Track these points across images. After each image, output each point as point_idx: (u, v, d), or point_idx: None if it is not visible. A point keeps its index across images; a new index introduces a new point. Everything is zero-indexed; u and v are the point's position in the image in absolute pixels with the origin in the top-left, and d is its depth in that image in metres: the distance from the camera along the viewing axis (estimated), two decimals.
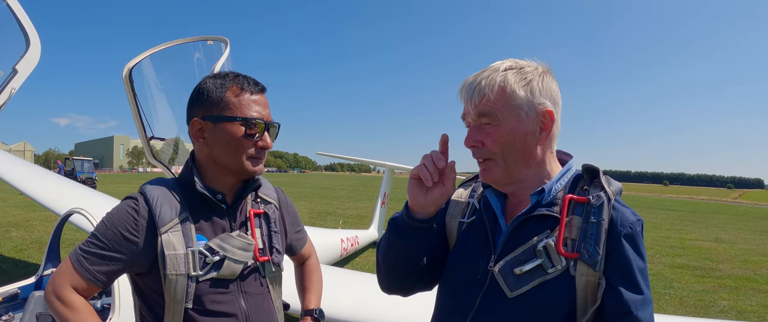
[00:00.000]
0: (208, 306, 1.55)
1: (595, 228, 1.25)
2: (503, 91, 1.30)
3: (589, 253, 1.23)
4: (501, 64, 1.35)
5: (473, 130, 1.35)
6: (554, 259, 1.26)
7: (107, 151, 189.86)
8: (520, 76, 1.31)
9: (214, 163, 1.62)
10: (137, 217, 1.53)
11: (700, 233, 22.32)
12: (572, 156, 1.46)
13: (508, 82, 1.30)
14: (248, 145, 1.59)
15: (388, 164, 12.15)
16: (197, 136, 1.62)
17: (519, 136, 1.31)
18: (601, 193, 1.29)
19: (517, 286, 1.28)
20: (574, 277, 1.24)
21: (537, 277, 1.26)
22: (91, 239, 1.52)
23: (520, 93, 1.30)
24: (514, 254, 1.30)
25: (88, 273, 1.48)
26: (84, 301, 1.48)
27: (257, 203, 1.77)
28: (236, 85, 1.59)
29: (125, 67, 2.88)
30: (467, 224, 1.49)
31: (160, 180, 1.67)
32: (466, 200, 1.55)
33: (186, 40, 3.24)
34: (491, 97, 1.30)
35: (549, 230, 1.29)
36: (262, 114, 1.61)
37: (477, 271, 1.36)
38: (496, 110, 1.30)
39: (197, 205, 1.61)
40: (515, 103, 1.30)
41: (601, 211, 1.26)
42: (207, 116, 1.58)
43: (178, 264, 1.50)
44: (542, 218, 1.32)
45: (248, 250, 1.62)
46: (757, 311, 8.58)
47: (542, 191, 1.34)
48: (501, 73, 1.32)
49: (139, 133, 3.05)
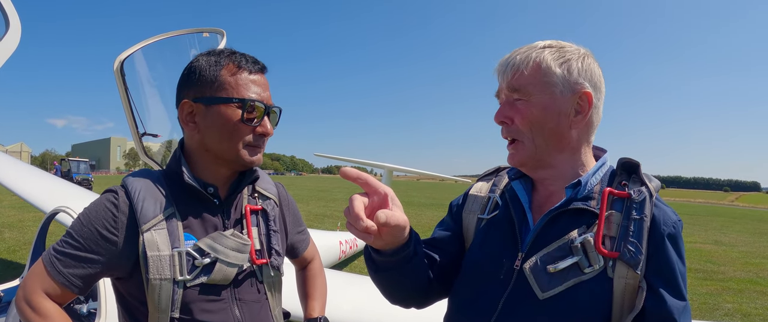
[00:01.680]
0: (197, 316, 1.36)
1: (637, 225, 1.12)
2: (538, 67, 1.20)
3: (631, 252, 1.10)
4: (541, 42, 1.26)
5: (504, 106, 1.26)
6: (592, 257, 1.13)
7: (104, 153, 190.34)
8: (558, 54, 1.22)
9: (206, 151, 1.44)
10: (116, 212, 1.35)
11: (699, 235, 22.25)
12: (606, 151, 1.35)
13: (544, 58, 1.21)
14: (245, 130, 1.41)
15: (386, 165, 12.04)
16: (187, 121, 1.44)
17: (552, 114, 1.21)
18: (643, 188, 1.18)
19: (550, 286, 1.14)
20: (612, 279, 1.11)
21: (572, 277, 1.13)
22: (65, 238, 1.34)
23: (557, 70, 1.20)
24: (547, 250, 1.18)
25: (62, 277, 1.30)
26: (57, 308, 1.31)
27: (254, 198, 1.58)
28: (233, 63, 1.41)
29: (116, 60, 2.78)
30: (487, 220, 1.37)
31: (145, 172, 1.48)
32: (487, 194, 1.44)
33: (181, 32, 3.16)
34: (525, 72, 1.21)
35: (585, 226, 1.17)
36: (262, 96, 1.43)
37: (500, 270, 1.24)
38: (528, 85, 1.21)
39: (186, 199, 1.43)
40: (550, 80, 1.20)
41: (643, 207, 1.14)
42: (199, 98, 1.41)
43: (162, 267, 1.32)
44: (578, 212, 1.19)
45: (243, 251, 1.43)
46: (762, 314, 8.50)
47: (579, 183, 1.22)
48: (538, 50, 1.23)
49: (130, 129, 2.94)
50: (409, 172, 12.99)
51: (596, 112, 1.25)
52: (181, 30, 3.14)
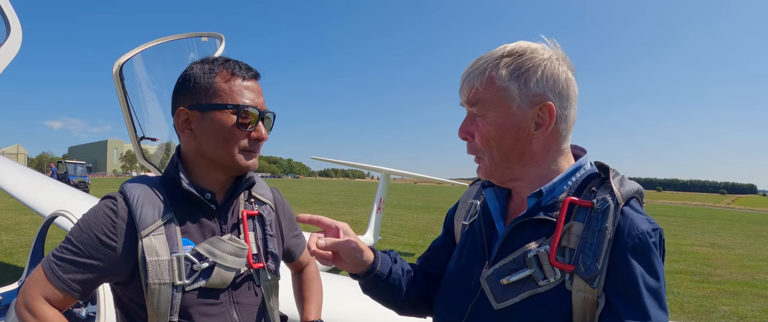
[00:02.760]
0: (196, 319, 1.38)
1: (595, 237, 1.07)
2: (492, 81, 1.15)
3: (585, 266, 1.06)
4: (501, 49, 1.18)
5: (465, 122, 1.23)
6: (547, 270, 1.10)
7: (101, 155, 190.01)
8: (515, 65, 1.15)
9: (203, 157, 1.46)
10: (115, 219, 1.36)
11: (695, 238, 22.31)
12: (586, 151, 1.29)
13: (498, 72, 1.15)
14: (241, 136, 1.43)
15: (383, 168, 12.04)
16: (183, 128, 1.46)
17: (509, 131, 1.16)
18: (608, 196, 1.11)
19: (503, 297, 1.15)
20: (571, 292, 1.08)
21: (526, 289, 1.12)
22: (65, 244, 1.35)
23: (511, 85, 1.14)
24: (503, 261, 1.17)
25: (62, 282, 1.31)
26: (57, 314, 1.32)
27: (250, 204, 1.59)
28: (226, 70, 1.44)
29: (115, 63, 2.78)
30: (468, 226, 1.38)
31: (143, 178, 1.50)
32: (471, 200, 1.44)
33: (180, 36, 3.16)
34: (479, 88, 1.17)
35: (545, 237, 1.14)
36: (256, 102, 1.45)
37: (471, 278, 1.25)
38: (484, 101, 1.17)
39: (183, 205, 1.45)
40: (504, 95, 1.15)
41: (605, 217, 1.08)
42: (194, 105, 1.43)
43: (161, 272, 1.33)
44: (541, 222, 1.16)
45: (241, 255, 1.45)
46: (759, 316, 8.52)
47: (540, 192, 1.17)
48: (495, 60, 1.16)
49: (129, 133, 2.94)
50: (406, 175, 12.99)
51: (563, 120, 1.18)
52: (180, 34, 3.13)
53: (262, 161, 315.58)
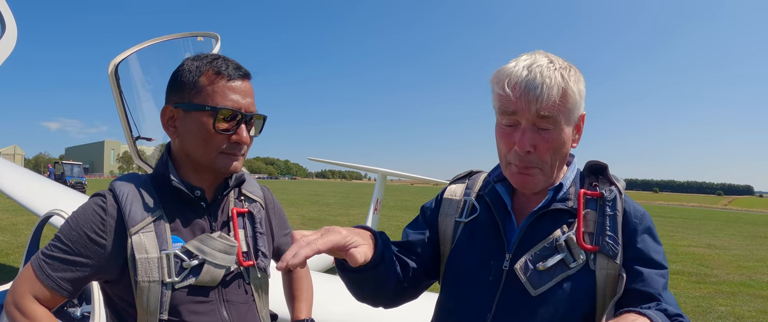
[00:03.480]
0: (185, 317, 1.37)
1: (612, 220, 1.24)
2: (566, 94, 1.18)
3: (609, 245, 1.21)
4: (546, 60, 1.20)
5: (529, 133, 1.20)
6: (575, 253, 1.22)
7: (98, 156, 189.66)
8: (573, 77, 1.20)
9: (187, 156, 1.45)
10: (105, 216, 1.35)
11: (692, 239, 22.29)
12: (574, 155, 1.41)
13: (568, 83, 1.18)
14: (219, 138, 1.39)
15: (380, 169, 12.02)
16: (168, 126, 1.45)
17: (567, 141, 1.25)
18: (612, 187, 1.29)
19: (541, 282, 1.22)
20: (594, 271, 1.22)
21: (560, 272, 1.22)
22: (54, 242, 1.34)
23: (577, 97, 1.21)
24: (534, 250, 1.25)
25: (51, 281, 1.31)
26: (46, 312, 1.32)
27: (241, 201, 1.59)
28: (212, 69, 1.40)
29: (111, 63, 2.78)
30: (467, 223, 1.40)
31: (133, 175, 1.49)
32: (461, 197, 1.46)
33: (175, 36, 3.15)
34: (557, 100, 1.17)
35: (565, 225, 1.26)
36: (240, 103, 1.41)
37: (489, 272, 1.29)
38: (558, 114, 1.18)
39: (173, 202, 1.44)
40: (573, 107, 1.21)
41: (615, 203, 1.26)
42: (179, 103, 1.41)
43: (150, 269, 1.33)
44: (558, 212, 1.28)
45: (231, 253, 1.44)
46: (756, 317, 8.52)
47: (560, 185, 1.31)
48: (558, 72, 1.18)
49: (124, 132, 2.94)
50: (404, 176, 12.97)
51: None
52: (176, 34, 3.13)
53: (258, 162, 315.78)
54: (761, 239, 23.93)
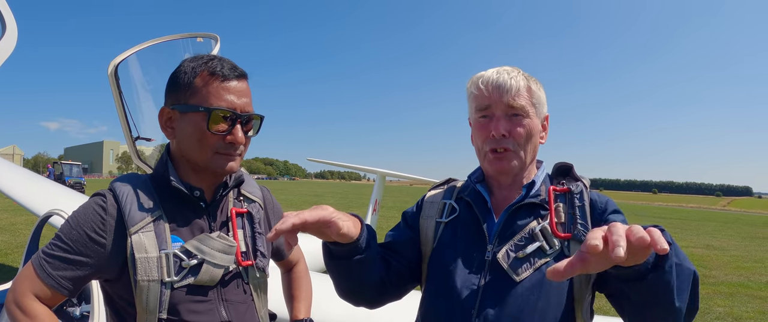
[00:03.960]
0: (184, 316, 1.38)
1: (581, 210, 1.39)
2: (530, 90, 1.44)
3: (580, 231, 1.35)
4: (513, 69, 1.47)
5: (503, 121, 1.42)
6: (550, 241, 1.37)
7: (97, 157, 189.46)
8: (534, 81, 1.47)
9: (183, 157, 1.46)
10: (105, 215, 1.36)
11: (691, 240, 22.31)
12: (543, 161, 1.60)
13: (530, 82, 1.45)
14: (213, 138, 1.40)
15: (379, 170, 12.02)
16: (165, 127, 1.47)
17: (536, 132, 1.46)
18: (578, 183, 1.46)
19: (522, 269, 1.36)
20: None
21: (538, 258, 1.36)
22: (54, 241, 1.35)
23: (539, 94, 1.46)
24: (513, 240, 1.40)
25: (52, 279, 1.32)
26: (47, 311, 1.33)
27: (240, 202, 1.60)
28: (207, 70, 1.41)
29: (111, 64, 2.78)
30: (448, 222, 1.53)
31: (133, 175, 1.51)
32: (441, 200, 1.59)
33: (175, 36, 3.16)
34: (523, 93, 1.42)
35: (539, 217, 1.42)
36: (235, 104, 1.41)
37: (472, 263, 1.42)
38: (526, 105, 1.42)
39: (173, 202, 1.45)
40: (537, 101, 1.45)
41: (582, 196, 1.42)
42: (176, 104, 1.43)
43: (150, 269, 1.34)
44: (532, 206, 1.44)
45: (229, 253, 1.45)
46: (754, 317, 8.54)
47: (533, 182, 1.47)
48: (522, 75, 1.45)
49: (123, 132, 2.94)
50: (402, 177, 12.97)
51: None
52: (176, 35, 3.13)
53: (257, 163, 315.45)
54: (760, 240, 23.96)
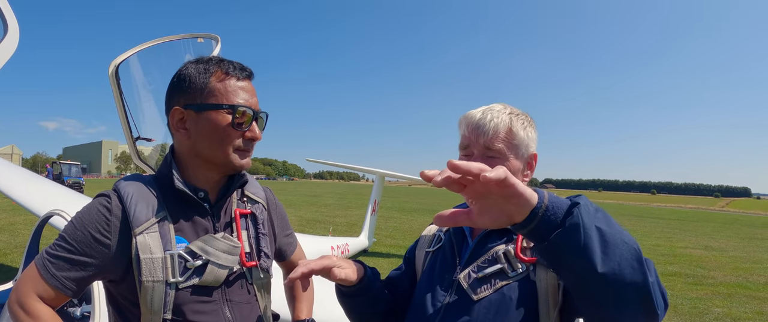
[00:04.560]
0: (188, 317, 1.38)
1: None
2: (510, 132, 1.42)
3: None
4: (501, 106, 1.48)
5: (479, 160, 1.39)
6: (514, 264, 1.37)
7: (96, 156, 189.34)
8: (520, 120, 1.45)
9: (197, 156, 1.47)
10: (109, 216, 1.36)
11: (689, 241, 22.36)
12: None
13: (514, 123, 1.43)
14: (235, 135, 1.43)
15: (378, 171, 12.03)
16: (178, 127, 1.46)
17: (515, 172, 1.43)
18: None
19: (481, 290, 1.37)
20: (535, 281, 1.33)
21: (500, 280, 1.36)
22: (58, 242, 1.35)
23: (522, 135, 1.44)
24: (477, 262, 1.42)
25: (55, 280, 1.32)
26: (50, 311, 1.33)
27: (244, 203, 1.60)
28: (221, 70, 1.44)
29: (112, 64, 2.78)
30: (433, 251, 1.61)
31: (137, 176, 1.51)
32: (434, 232, 1.67)
33: (176, 37, 3.16)
34: (501, 135, 1.41)
35: (508, 240, 1.41)
36: (250, 102, 1.45)
37: (442, 284, 1.47)
38: (504, 148, 1.42)
39: (177, 203, 1.45)
40: (518, 143, 1.43)
41: None
42: (189, 104, 1.43)
43: (154, 269, 1.34)
44: (504, 231, 1.42)
45: (234, 253, 1.46)
46: (752, 318, 8.56)
47: None
48: (507, 114, 1.44)
49: (124, 133, 2.94)
50: (401, 178, 12.98)
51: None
52: (176, 35, 3.13)
53: (256, 163, 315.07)
54: (758, 241, 24.01)
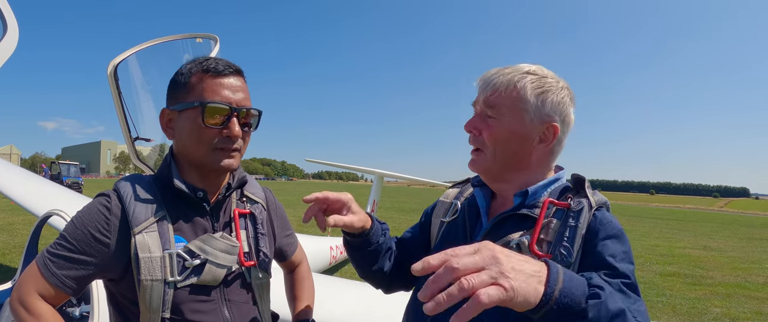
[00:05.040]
0: (187, 316, 1.39)
1: (571, 231, 1.22)
2: (516, 92, 1.30)
3: (562, 255, 1.19)
4: (527, 66, 1.34)
5: (475, 118, 1.37)
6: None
7: (94, 157, 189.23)
8: (538, 83, 1.31)
9: (185, 157, 1.47)
10: (109, 216, 1.37)
11: (688, 241, 22.37)
12: (563, 169, 1.45)
13: (524, 85, 1.30)
14: (210, 133, 1.39)
15: (377, 171, 12.02)
16: (167, 128, 1.48)
17: (516, 137, 1.32)
18: (584, 200, 1.27)
19: None
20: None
21: None
22: (59, 241, 1.36)
23: (532, 99, 1.29)
24: None
25: (56, 279, 1.32)
26: (51, 309, 1.33)
27: (243, 202, 1.60)
28: (201, 69, 1.42)
29: (110, 64, 2.78)
30: (448, 223, 1.53)
31: (137, 176, 1.51)
32: (452, 200, 1.58)
33: (175, 37, 3.15)
34: (502, 93, 1.31)
35: (526, 231, 1.27)
36: (230, 98, 1.40)
37: None
38: (502, 106, 1.31)
39: (176, 203, 1.45)
40: (523, 106, 1.30)
41: (579, 216, 1.23)
42: (173, 105, 1.44)
43: (153, 268, 1.34)
44: (523, 217, 1.31)
45: (232, 253, 1.46)
46: (751, 318, 8.57)
47: (526, 192, 1.33)
48: (521, 74, 1.31)
49: (123, 133, 2.94)
50: (400, 177, 12.99)
51: (559, 143, 1.35)
52: (175, 35, 3.13)
53: (255, 163, 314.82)
54: (757, 241, 24.05)
